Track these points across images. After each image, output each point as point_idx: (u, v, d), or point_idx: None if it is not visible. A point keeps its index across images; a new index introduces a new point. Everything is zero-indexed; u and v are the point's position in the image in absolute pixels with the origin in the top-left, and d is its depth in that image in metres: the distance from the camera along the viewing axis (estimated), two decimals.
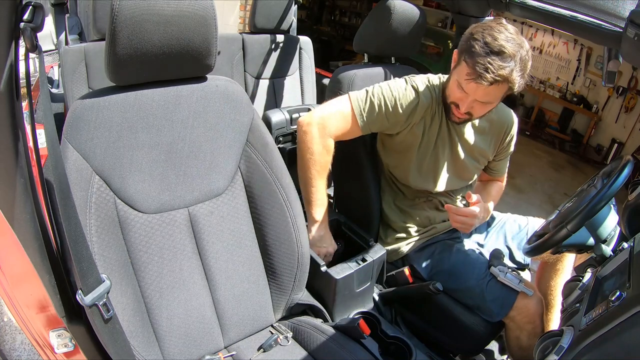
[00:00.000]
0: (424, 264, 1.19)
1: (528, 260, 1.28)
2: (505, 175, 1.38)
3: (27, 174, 0.69)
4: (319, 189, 1.12)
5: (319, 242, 1.14)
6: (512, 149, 1.28)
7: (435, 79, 1.16)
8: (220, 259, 0.91)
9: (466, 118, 1.08)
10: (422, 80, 1.14)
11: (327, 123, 1.10)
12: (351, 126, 1.11)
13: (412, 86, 1.12)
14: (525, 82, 1.02)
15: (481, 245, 1.29)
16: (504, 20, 1.01)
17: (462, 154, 1.19)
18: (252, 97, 2.11)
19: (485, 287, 1.09)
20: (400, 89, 1.12)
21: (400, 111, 1.10)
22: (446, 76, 1.16)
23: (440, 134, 1.15)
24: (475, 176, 1.28)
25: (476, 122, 1.18)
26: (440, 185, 1.20)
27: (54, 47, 2.16)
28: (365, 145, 1.24)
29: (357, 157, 1.24)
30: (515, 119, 1.25)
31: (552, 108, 4.93)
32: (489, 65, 0.95)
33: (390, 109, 1.10)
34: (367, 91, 1.12)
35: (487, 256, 1.18)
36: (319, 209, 1.13)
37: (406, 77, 1.16)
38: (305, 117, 1.12)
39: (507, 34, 0.96)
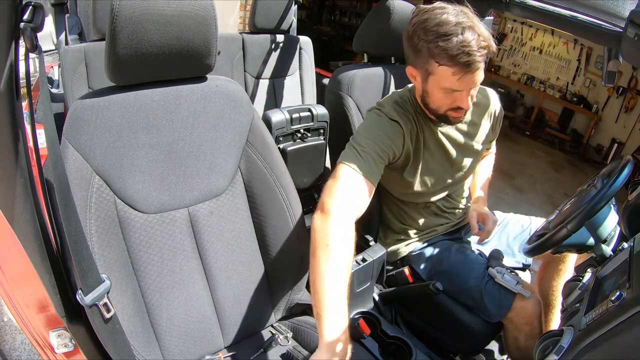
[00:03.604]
0: (423, 265, 1.19)
1: (529, 260, 1.28)
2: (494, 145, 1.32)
3: (27, 174, 0.69)
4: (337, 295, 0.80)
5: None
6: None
7: (399, 96, 1.10)
8: (220, 259, 0.91)
9: (465, 113, 1.04)
10: (391, 106, 1.05)
11: (343, 202, 0.87)
12: (368, 189, 0.94)
13: (387, 116, 1.03)
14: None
15: (482, 245, 1.29)
16: (427, 6, 0.93)
17: (455, 156, 1.15)
18: (252, 97, 2.11)
19: (483, 288, 1.09)
20: (384, 128, 1.01)
21: (392, 145, 1.01)
22: (410, 86, 1.11)
23: (426, 145, 1.09)
24: (472, 173, 1.25)
25: (463, 120, 1.12)
26: (438, 194, 1.18)
27: (54, 47, 2.16)
28: None
29: None
30: (496, 95, 1.21)
31: (552, 108, 4.93)
32: (466, 49, 0.86)
33: (386, 153, 0.99)
34: (355, 149, 0.96)
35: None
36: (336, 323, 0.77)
37: (374, 110, 1.06)
38: (317, 215, 0.86)
39: (446, 11, 0.89)
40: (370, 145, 0.97)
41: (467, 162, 1.19)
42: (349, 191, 0.91)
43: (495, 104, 1.20)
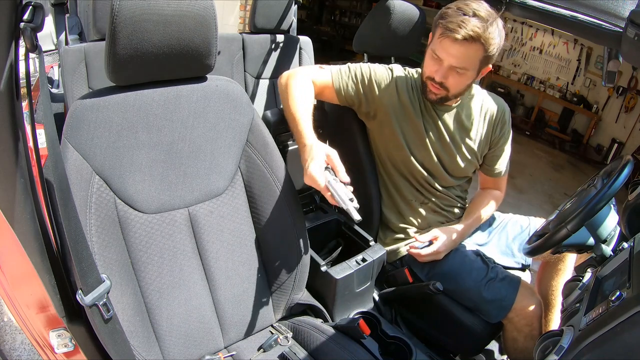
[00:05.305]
0: (422, 265, 1.19)
1: (529, 260, 1.28)
2: (505, 184, 1.34)
3: (27, 174, 0.69)
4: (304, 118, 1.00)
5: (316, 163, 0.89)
6: (508, 141, 1.26)
7: (414, 71, 1.19)
8: (220, 259, 0.91)
9: (443, 95, 1.07)
10: (399, 67, 1.18)
11: (307, 71, 1.10)
12: (327, 82, 1.11)
13: (389, 69, 1.16)
14: (500, 49, 1.02)
15: (482, 246, 1.29)
16: None
17: (451, 146, 1.17)
18: (252, 97, 2.11)
19: (482, 289, 1.09)
20: (377, 68, 1.15)
21: (374, 83, 1.12)
22: None
23: (425, 120, 1.15)
24: (469, 173, 1.25)
25: (464, 113, 1.16)
26: (432, 167, 1.18)
27: (54, 47, 2.15)
28: (365, 144, 1.24)
29: (356, 156, 1.24)
30: (507, 107, 1.25)
31: (552, 108, 4.92)
32: (461, 23, 0.95)
33: (366, 80, 1.12)
34: (345, 65, 1.15)
35: (489, 257, 1.18)
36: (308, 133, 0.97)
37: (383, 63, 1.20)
38: (285, 73, 1.10)
39: (479, 3, 0.99)
40: (357, 70, 1.12)
41: (461, 157, 1.19)
42: (312, 72, 1.10)
43: (501, 111, 1.22)
